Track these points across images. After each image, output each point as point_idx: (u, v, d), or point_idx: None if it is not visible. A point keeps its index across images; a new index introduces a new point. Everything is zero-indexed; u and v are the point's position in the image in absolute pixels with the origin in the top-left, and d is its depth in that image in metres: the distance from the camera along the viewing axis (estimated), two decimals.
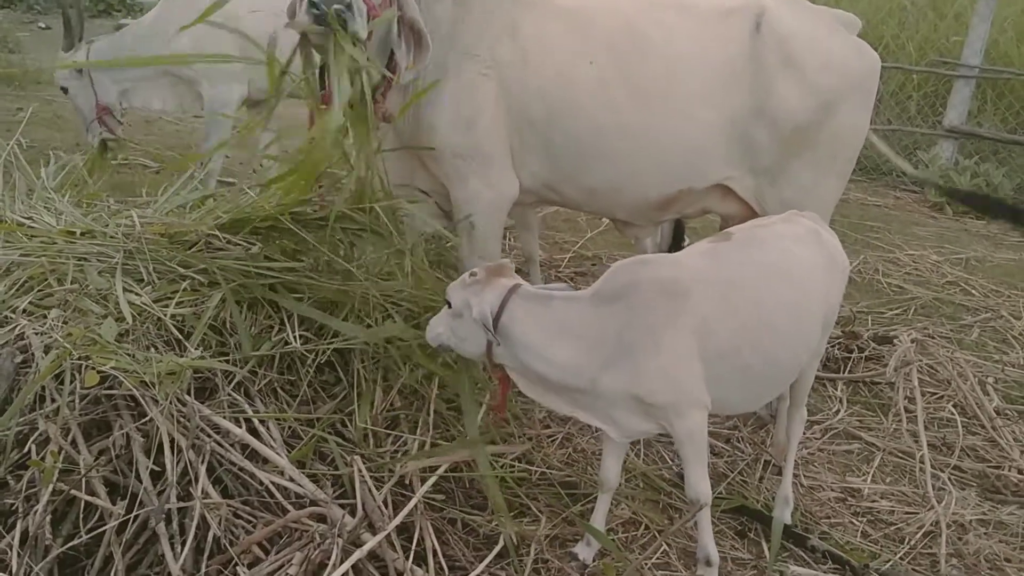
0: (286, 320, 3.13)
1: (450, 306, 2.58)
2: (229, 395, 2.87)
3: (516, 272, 2.67)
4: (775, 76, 3.24)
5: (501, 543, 2.68)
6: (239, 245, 3.28)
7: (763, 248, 2.70)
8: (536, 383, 2.61)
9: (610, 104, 3.29)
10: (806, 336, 2.74)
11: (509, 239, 5.31)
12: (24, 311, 2.86)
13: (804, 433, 3.44)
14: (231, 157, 6.45)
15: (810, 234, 2.81)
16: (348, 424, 3.05)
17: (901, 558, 2.95)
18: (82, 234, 3.28)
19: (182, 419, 2.65)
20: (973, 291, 5.24)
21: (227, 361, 2.92)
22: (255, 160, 6.16)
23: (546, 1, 3.49)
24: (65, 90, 5.53)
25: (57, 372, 2.64)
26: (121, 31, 5.66)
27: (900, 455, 3.57)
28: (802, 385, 3.01)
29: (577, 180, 3.44)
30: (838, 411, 3.84)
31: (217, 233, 3.27)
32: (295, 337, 3.06)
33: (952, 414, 3.83)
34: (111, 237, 3.24)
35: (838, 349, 4.29)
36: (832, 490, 3.33)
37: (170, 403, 2.64)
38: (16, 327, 2.78)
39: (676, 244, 4.46)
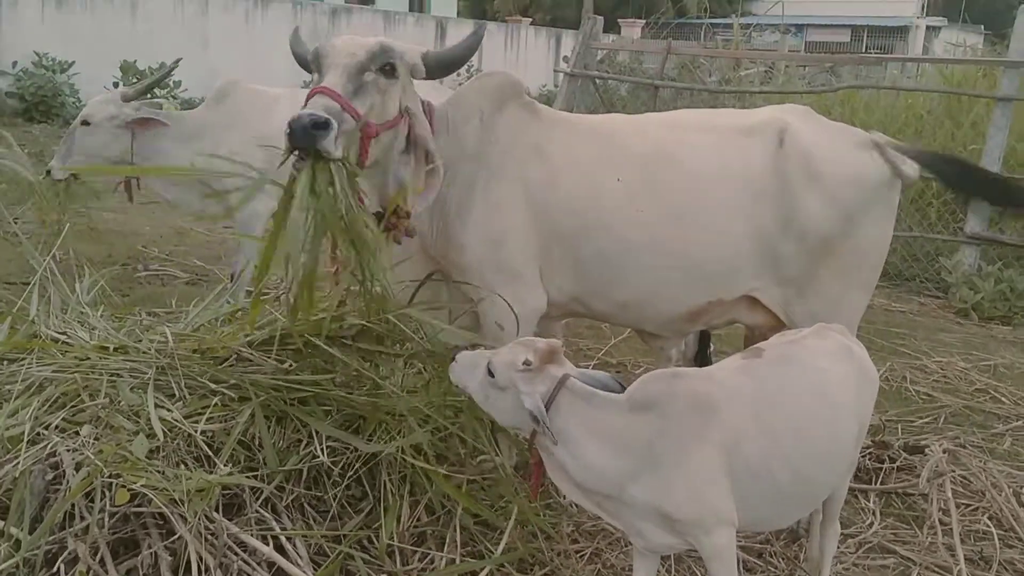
0: (314, 433, 3.14)
1: (491, 374, 2.52)
2: (257, 511, 2.87)
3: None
4: (800, 190, 3.33)
5: None
6: (269, 360, 3.32)
7: (796, 365, 2.70)
8: (567, 479, 2.58)
9: (638, 220, 3.37)
10: (840, 453, 2.73)
11: None
12: (56, 428, 2.89)
13: (838, 548, 3.37)
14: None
15: (841, 349, 2.81)
16: (375, 540, 3.03)
17: None
18: (115, 349, 3.33)
19: (210, 537, 2.65)
20: (1003, 399, 5.18)
21: (255, 476, 2.94)
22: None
23: (572, 121, 3.65)
24: (87, 123, 5.20)
25: (87, 490, 2.65)
26: (172, 118, 5.40)
27: (937, 570, 3.48)
28: (836, 499, 2.97)
29: (606, 295, 3.50)
30: (871, 524, 3.77)
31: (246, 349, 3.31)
32: (322, 450, 3.07)
33: (988, 526, 3.75)
34: (144, 353, 3.29)
35: (869, 459, 4.23)
36: None
37: (198, 521, 2.64)
38: (48, 444, 2.81)
39: (702, 353, 4.47)
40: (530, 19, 30.62)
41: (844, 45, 33.18)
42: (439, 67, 3.32)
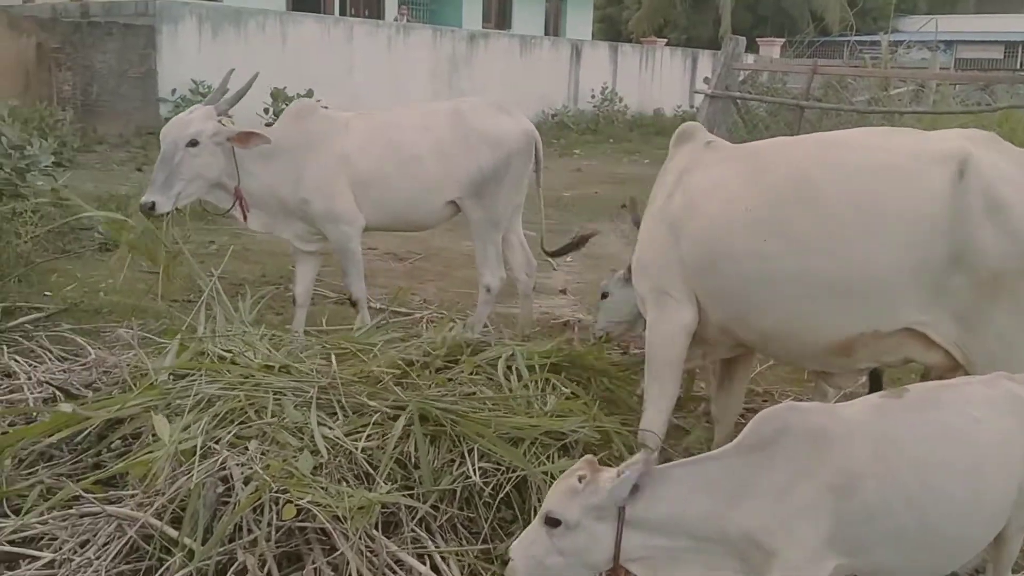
0: (466, 454, 3.19)
1: (556, 524, 2.37)
2: (412, 530, 2.94)
3: None
4: (978, 223, 3.13)
5: None
6: (423, 381, 3.42)
7: (938, 409, 2.54)
8: (667, 562, 2.45)
9: (761, 252, 3.30)
10: (985, 510, 2.52)
11: None
12: (227, 442, 3.03)
13: None
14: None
15: (1008, 399, 2.61)
16: None
17: None
18: (280, 369, 3.47)
19: (369, 554, 2.72)
20: None
21: (411, 495, 3.01)
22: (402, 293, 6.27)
23: (733, 149, 3.65)
24: (196, 142, 4.80)
25: (256, 504, 2.76)
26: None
27: None
28: (1005, 553, 2.75)
29: (748, 323, 3.46)
30: None
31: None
32: (475, 471, 3.11)
33: None
34: (306, 373, 3.42)
35: None
36: None
37: (359, 538, 2.71)
38: (219, 458, 2.94)
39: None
40: (665, 40, 30.47)
41: (997, 62, 31.77)
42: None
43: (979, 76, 12.38)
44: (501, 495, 3.15)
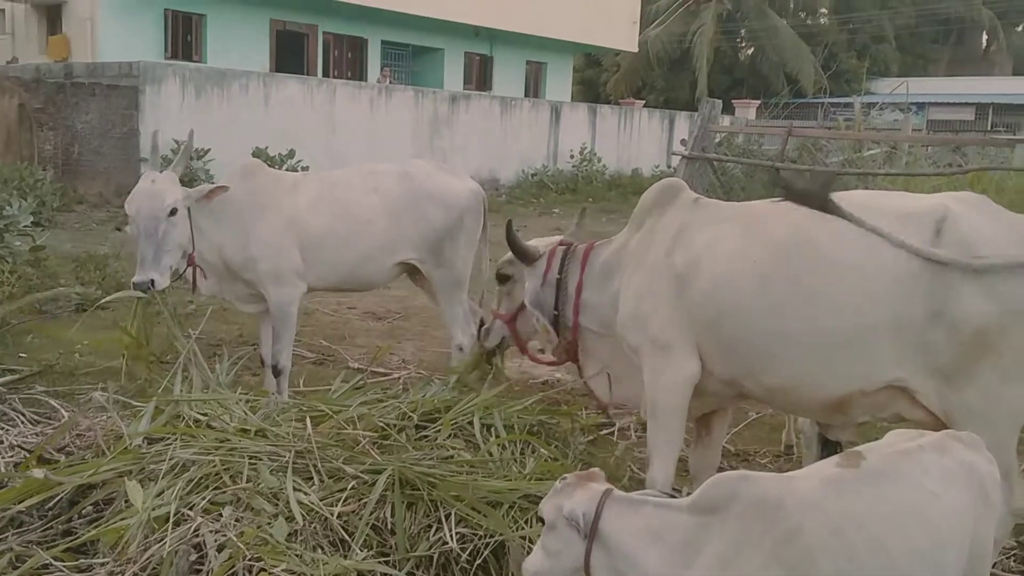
0: (443, 519, 3.16)
1: (543, 522, 2.50)
2: None
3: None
4: (956, 280, 3.18)
5: None
6: (402, 443, 3.40)
7: (897, 485, 2.49)
8: None
9: (770, 308, 3.37)
10: None
11: None
12: (200, 509, 2.99)
13: None
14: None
15: (961, 469, 2.57)
16: None
17: None
18: (256, 433, 3.45)
19: None
20: None
21: (387, 562, 2.97)
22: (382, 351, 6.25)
23: (725, 208, 3.79)
24: (175, 211, 4.74)
25: (230, 572, 2.72)
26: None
27: None
28: None
29: (755, 378, 3.51)
30: None
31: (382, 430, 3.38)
32: (452, 536, 3.09)
33: None
34: (282, 437, 3.39)
35: (1014, 561, 4.01)
36: None
37: None
38: (192, 525, 2.91)
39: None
40: (643, 101, 30.98)
41: (968, 124, 32.36)
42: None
43: (950, 139, 12.60)
44: (479, 561, 3.12)
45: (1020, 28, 45.82)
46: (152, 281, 4.65)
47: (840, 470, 2.51)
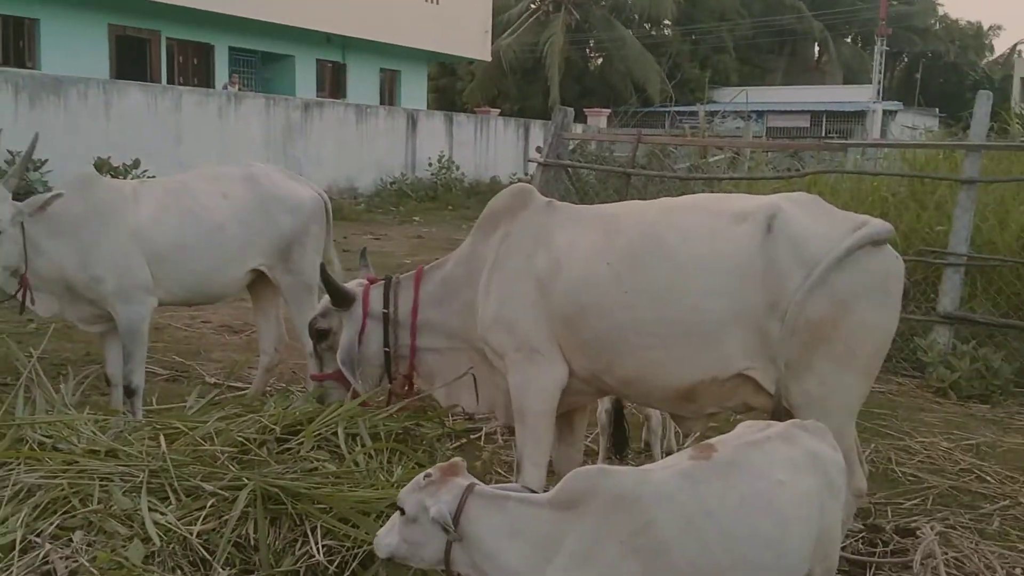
0: (309, 533, 3.10)
1: (403, 512, 2.52)
2: None
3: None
4: (786, 273, 3.38)
5: None
6: (263, 457, 3.31)
7: (748, 476, 2.58)
8: None
9: (624, 302, 3.55)
10: (787, 570, 2.60)
11: None
12: (49, 535, 2.84)
13: None
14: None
15: (807, 458, 2.70)
16: None
17: None
18: (106, 453, 3.29)
19: None
20: (988, 478, 5.20)
21: None
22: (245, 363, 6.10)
23: (580, 211, 3.94)
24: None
25: None
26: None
27: None
28: None
29: (612, 372, 3.67)
30: None
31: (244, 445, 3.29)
32: (319, 549, 3.03)
33: None
34: (135, 456, 3.26)
35: (862, 543, 4.23)
36: None
37: None
38: (41, 552, 2.75)
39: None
40: (498, 110, 31.27)
41: (804, 130, 34.09)
42: None
43: (788, 144, 13.25)
44: (347, 572, 3.08)
45: (848, 39, 48.63)
46: None
47: (693, 462, 2.59)
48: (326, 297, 4.23)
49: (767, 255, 3.41)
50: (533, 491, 2.62)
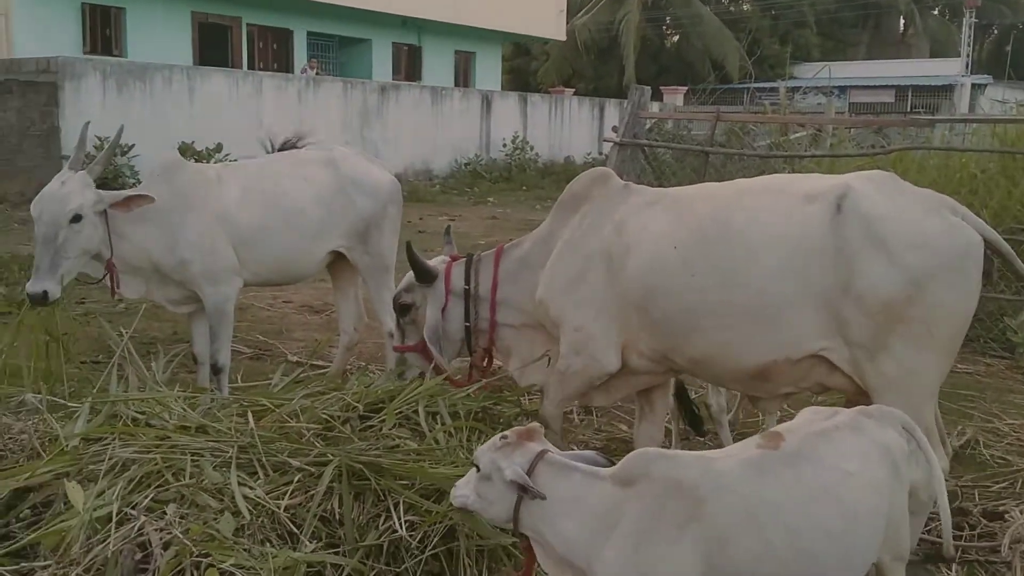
0: (391, 508, 3.16)
1: (479, 469, 2.58)
2: None
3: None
4: (858, 254, 3.35)
5: None
6: (347, 435, 3.39)
7: (814, 466, 2.54)
8: (552, 555, 2.56)
9: (692, 285, 3.59)
10: (851, 564, 2.56)
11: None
12: (144, 507, 2.94)
13: None
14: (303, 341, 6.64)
15: (875, 448, 2.64)
16: None
17: None
18: (196, 429, 3.40)
19: None
20: None
21: (336, 552, 2.96)
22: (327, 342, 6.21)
23: (655, 193, 3.98)
24: (79, 217, 4.49)
25: (177, 569, 2.69)
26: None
27: None
28: None
29: (681, 351, 3.73)
30: None
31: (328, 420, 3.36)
32: (401, 524, 3.08)
33: None
34: (224, 433, 3.35)
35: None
36: None
37: None
38: (136, 524, 2.86)
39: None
40: (573, 90, 31.11)
41: (888, 105, 33.19)
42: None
43: (873, 120, 12.91)
44: (429, 547, 3.13)
45: (936, 11, 47.05)
46: (45, 292, 4.39)
47: (760, 451, 2.56)
48: (410, 273, 4.32)
49: (837, 235, 3.38)
50: (610, 460, 2.63)
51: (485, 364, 4.32)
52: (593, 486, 2.50)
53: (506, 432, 2.61)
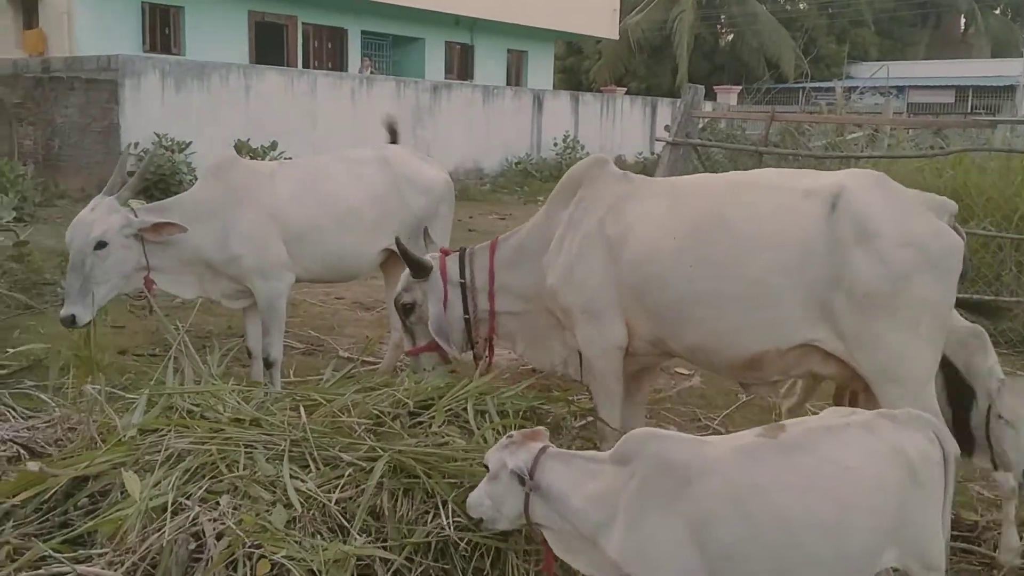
0: (440, 506, 3.17)
1: (487, 470, 2.72)
2: None
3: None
4: (849, 250, 3.52)
5: None
6: (397, 431, 3.41)
7: (811, 456, 2.56)
8: (564, 540, 2.67)
9: (687, 275, 3.73)
10: (851, 560, 2.54)
11: None
12: (198, 498, 2.99)
13: None
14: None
15: (886, 448, 2.62)
16: None
17: None
18: (250, 423, 3.44)
19: None
20: None
21: (385, 547, 2.98)
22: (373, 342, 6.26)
23: (652, 183, 4.17)
24: (103, 244, 4.57)
25: (230, 559, 2.73)
26: (168, 201, 5.08)
27: None
28: None
29: (676, 338, 3.88)
30: None
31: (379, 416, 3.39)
32: (449, 524, 3.09)
33: None
34: (277, 425, 3.39)
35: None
36: None
37: None
38: (190, 514, 2.90)
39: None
40: (625, 88, 30.97)
41: (948, 106, 32.55)
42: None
43: (932, 121, 12.66)
44: (476, 546, 3.13)
45: (997, 11, 46.02)
46: (73, 317, 4.48)
47: (758, 439, 2.63)
48: (406, 271, 4.36)
49: (831, 232, 3.55)
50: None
51: (487, 354, 4.40)
52: (594, 467, 2.64)
53: (512, 432, 2.78)
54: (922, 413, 2.90)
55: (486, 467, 2.73)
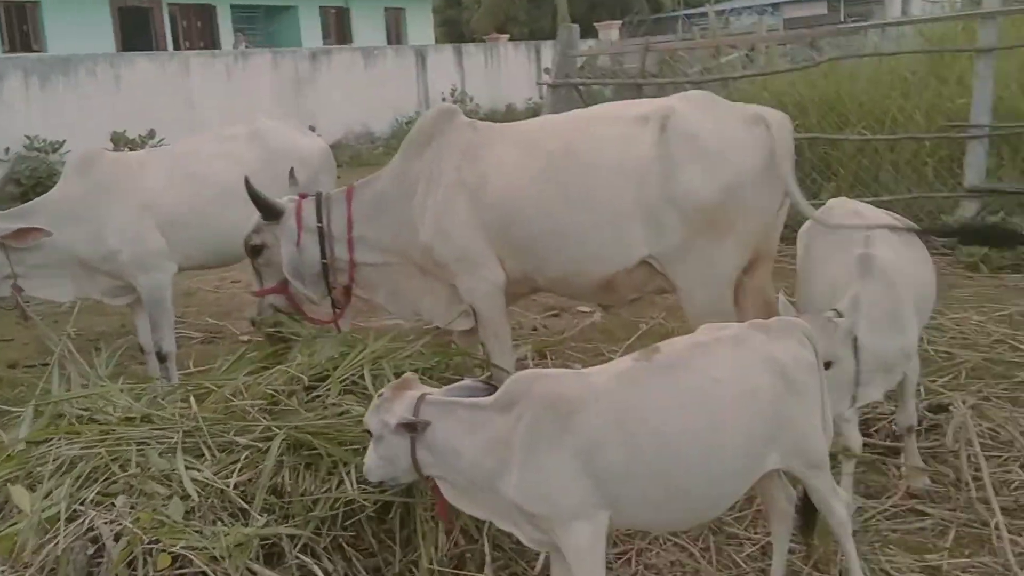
0: (344, 476, 3.18)
1: (371, 435, 2.69)
2: (297, 558, 2.92)
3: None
4: (680, 167, 3.79)
5: None
6: (292, 407, 3.40)
7: (683, 374, 2.66)
8: (457, 489, 2.69)
9: (545, 210, 3.96)
10: (729, 466, 2.65)
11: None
12: (92, 502, 2.94)
13: (874, 515, 3.55)
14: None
15: (755, 357, 2.73)
16: (415, 570, 3.08)
17: None
18: (140, 419, 3.39)
19: None
20: (1022, 346, 5.18)
21: (292, 524, 2.98)
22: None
23: (502, 128, 4.33)
24: None
25: (129, 559, 2.70)
26: (30, 205, 5.04)
27: (974, 525, 3.50)
28: (816, 490, 2.88)
29: (541, 271, 4.13)
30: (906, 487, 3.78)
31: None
32: (354, 488, 3.11)
33: (1020, 475, 3.76)
34: (167, 419, 3.35)
35: (895, 424, 4.25)
36: (912, 571, 3.27)
37: (240, 575, 2.68)
38: (85, 519, 2.86)
39: None
40: (507, 35, 30.76)
41: (822, 18, 33.13)
42: None
43: (803, 34, 12.87)
44: (386, 506, 3.15)
45: None
46: None
47: (634, 363, 2.71)
48: (257, 214, 4.31)
49: (663, 152, 3.81)
50: (488, 384, 2.81)
51: (344, 300, 4.43)
52: (479, 416, 2.63)
53: (382, 390, 2.74)
54: (793, 319, 3.01)
55: (369, 433, 2.71)
